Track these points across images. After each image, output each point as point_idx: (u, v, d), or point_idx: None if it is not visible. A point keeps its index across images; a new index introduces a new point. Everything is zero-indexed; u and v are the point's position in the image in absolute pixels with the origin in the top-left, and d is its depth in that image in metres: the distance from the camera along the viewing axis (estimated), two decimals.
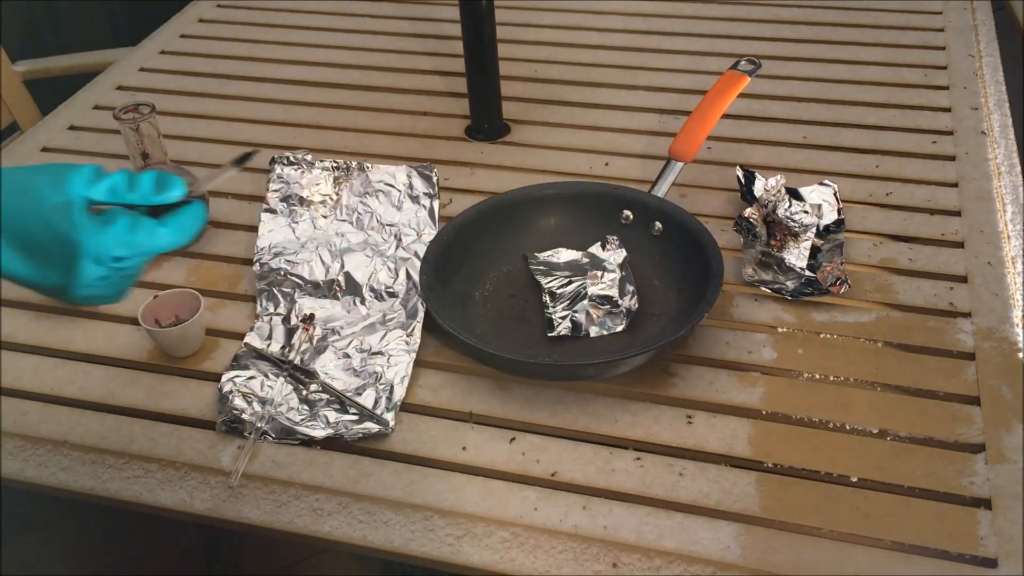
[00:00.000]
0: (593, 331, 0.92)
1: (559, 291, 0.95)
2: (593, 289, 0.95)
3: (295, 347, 0.90)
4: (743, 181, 1.04)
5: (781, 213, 0.96)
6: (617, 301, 0.93)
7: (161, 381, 0.90)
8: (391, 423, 0.83)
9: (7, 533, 1.12)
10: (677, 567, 0.72)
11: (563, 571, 0.73)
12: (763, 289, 0.96)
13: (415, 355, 0.89)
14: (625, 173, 1.14)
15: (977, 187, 1.09)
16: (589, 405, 0.85)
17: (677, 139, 1.05)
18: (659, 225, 0.98)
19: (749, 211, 0.97)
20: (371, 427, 0.83)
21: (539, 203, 1.02)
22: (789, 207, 0.96)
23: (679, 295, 0.94)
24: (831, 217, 1.01)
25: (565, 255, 1.00)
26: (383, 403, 0.85)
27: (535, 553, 0.74)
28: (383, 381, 0.87)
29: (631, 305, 0.93)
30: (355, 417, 0.84)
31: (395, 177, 1.04)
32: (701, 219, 0.96)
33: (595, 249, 1.00)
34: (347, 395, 0.85)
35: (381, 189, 1.04)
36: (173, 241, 0.64)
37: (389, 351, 0.89)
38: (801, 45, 1.40)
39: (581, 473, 0.80)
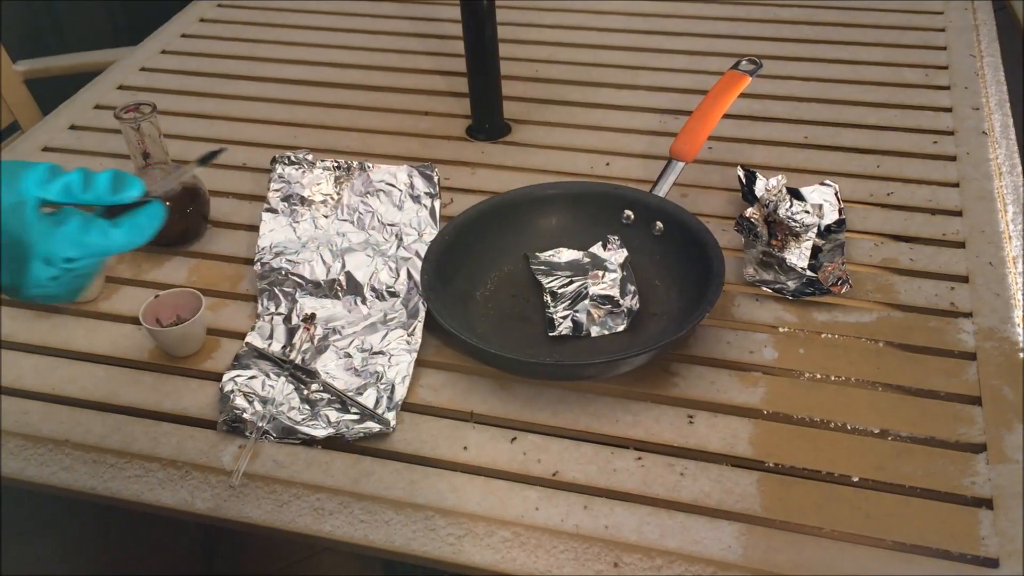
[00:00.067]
0: (594, 331, 0.92)
1: (560, 291, 0.95)
2: (594, 289, 0.95)
3: (296, 347, 0.90)
4: (744, 181, 1.04)
5: (782, 213, 0.96)
6: (618, 301, 0.93)
7: (162, 381, 0.90)
8: (392, 423, 0.83)
9: (7, 533, 1.12)
10: (678, 567, 0.72)
11: (564, 571, 0.73)
12: (764, 289, 0.96)
13: (416, 355, 0.89)
14: (626, 173, 1.14)
15: (978, 187, 1.09)
16: (590, 405, 0.85)
17: (678, 139, 1.05)
18: (660, 225, 0.98)
19: (750, 211, 0.97)
20: (372, 427, 0.83)
21: (540, 203, 1.02)
22: (790, 207, 0.96)
23: (680, 295, 0.94)
24: (832, 217, 1.01)
25: (566, 255, 1.00)
26: (384, 403, 0.85)
27: (536, 553, 0.74)
28: (384, 381, 0.87)
29: (632, 305, 0.93)
30: (356, 417, 0.84)
31: (396, 177, 1.04)
32: (702, 219, 0.96)
33: (596, 249, 1.00)
34: (348, 395, 0.85)
35: (382, 189, 1.04)
36: (127, 242, 0.62)
37: (390, 351, 0.89)
38: (802, 45, 1.39)
39: (582, 473, 0.80)
